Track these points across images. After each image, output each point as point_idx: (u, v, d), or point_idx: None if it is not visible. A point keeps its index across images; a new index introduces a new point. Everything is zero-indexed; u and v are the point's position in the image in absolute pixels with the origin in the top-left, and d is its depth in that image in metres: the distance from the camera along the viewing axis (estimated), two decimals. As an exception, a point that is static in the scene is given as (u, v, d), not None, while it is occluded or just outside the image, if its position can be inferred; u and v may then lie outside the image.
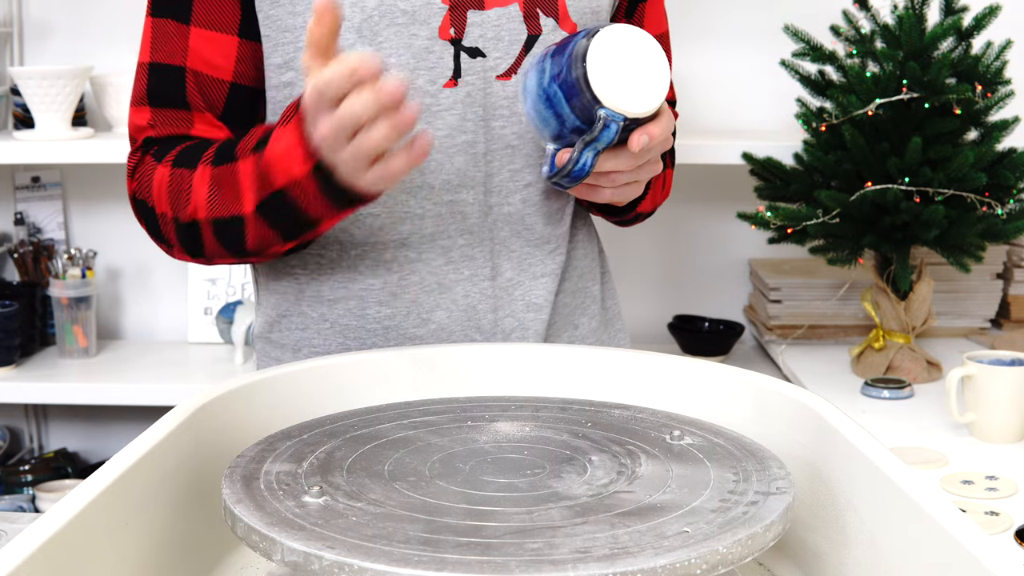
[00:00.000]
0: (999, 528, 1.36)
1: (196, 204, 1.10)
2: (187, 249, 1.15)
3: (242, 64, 1.15)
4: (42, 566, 0.67)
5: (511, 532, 0.71)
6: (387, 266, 1.17)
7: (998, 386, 1.63)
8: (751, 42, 2.33)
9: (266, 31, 1.13)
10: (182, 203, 1.11)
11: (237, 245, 1.10)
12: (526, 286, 1.21)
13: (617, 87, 1.00)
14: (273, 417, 0.96)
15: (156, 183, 1.13)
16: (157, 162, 1.14)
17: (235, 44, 1.14)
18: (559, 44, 1.05)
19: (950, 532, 0.69)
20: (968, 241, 1.88)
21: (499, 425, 0.93)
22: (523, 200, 1.19)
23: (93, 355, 2.35)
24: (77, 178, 2.47)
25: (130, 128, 1.20)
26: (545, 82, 1.04)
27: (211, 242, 1.11)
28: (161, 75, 1.16)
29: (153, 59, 1.16)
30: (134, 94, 1.19)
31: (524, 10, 1.14)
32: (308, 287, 1.20)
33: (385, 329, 1.18)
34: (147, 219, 1.17)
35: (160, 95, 1.16)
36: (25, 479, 2.35)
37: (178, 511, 0.86)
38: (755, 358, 2.33)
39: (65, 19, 2.40)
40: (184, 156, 1.13)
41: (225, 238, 1.10)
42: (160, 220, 1.14)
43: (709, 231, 2.43)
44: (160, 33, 1.16)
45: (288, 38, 1.12)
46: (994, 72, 1.89)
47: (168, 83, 1.16)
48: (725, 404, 0.99)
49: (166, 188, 1.12)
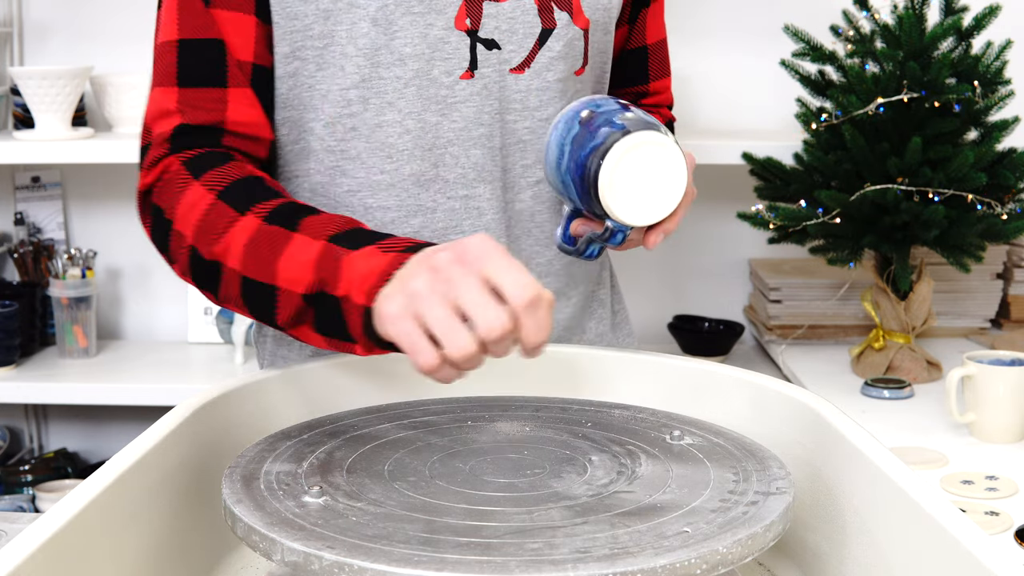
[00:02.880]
0: (999, 528, 1.36)
1: (229, 250, 1.01)
2: (197, 280, 1.05)
3: (259, 45, 1.10)
4: (42, 566, 0.67)
5: (511, 532, 0.72)
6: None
7: (998, 386, 1.63)
8: (751, 42, 2.33)
9: (276, 18, 1.10)
10: (211, 239, 1.02)
11: (265, 313, 1.00)
12: None
13: (627, 200, 0.99)
14: (273, 417, 0.96)
15: (187, 200, 1.04)
16: (193, 177, 1.05)
17: (253, 24, 1.10)
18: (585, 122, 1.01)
19: (950, 532, 0.69)
20: (968, 241, 1.88)
21: (499, 425, 0.93)
22: (534, 196, 1.19)
23: (93, 355, 2.35)
24: (77, 178, 2.47)
25: (150, 113, 1.10)
26: (563, 165, 1.02)
27: (233, 292, 1.02)
28: (194, 50, 1.09)
29: (182, 36, 1.09)
30: (158, 75, 1.11)
31: (539, 3, 1.13)
32: None
33: None
34: (157, 226, 1.08)
35: (192, 73, 1.09)
36: (25, 479, 2.35)
37: (178, 511, 0.86)
38: (755, 358, 2.33)
39: (65, 19, 2.40)
40: (236, 191, 1.03)
41: (254, 302, 1.01)
42: (173, 236, 1.06)
43: (709, 231, 2.43)
44: (187, 9, 1.09)
45: (296, 25, 1.10)
46: (994, 72, 1.89)
47: (202, 58, 1.09)
48: (725, 404, 0.99)
49: (199, 214, 1.03)
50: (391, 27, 1.10)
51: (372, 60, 1.10)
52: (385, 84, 1.11)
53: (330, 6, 1.09)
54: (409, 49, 1.10)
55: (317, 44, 1.10)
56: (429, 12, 1.10)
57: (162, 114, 1.10)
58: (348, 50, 1.10)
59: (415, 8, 1.10)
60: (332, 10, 1.09)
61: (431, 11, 1.11)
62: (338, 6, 1.09)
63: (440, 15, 1.11)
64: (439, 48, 1.11)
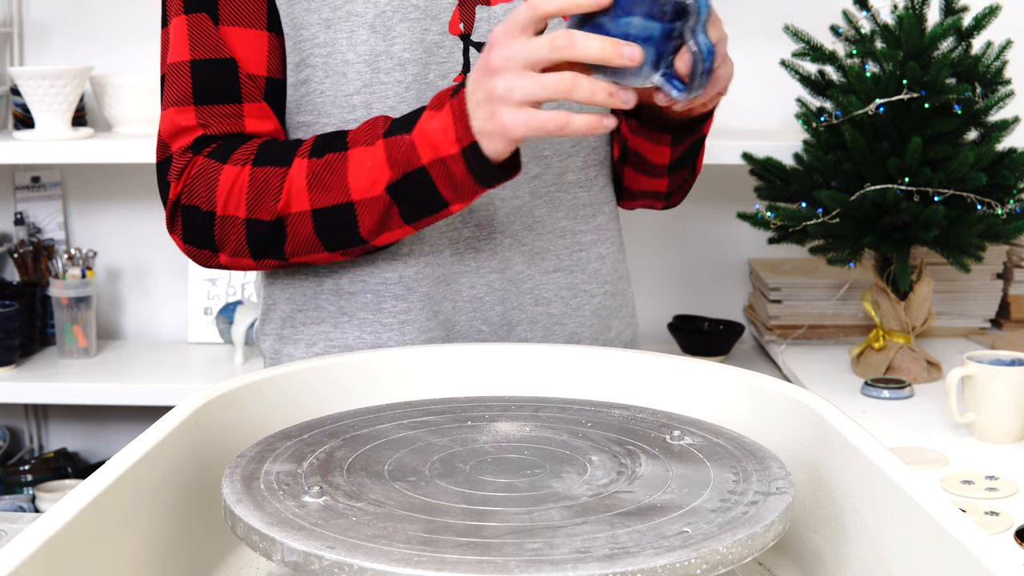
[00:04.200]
0: (999, 528, 1.36)
1: (291, 197, 1.08)
2: (255, 251, 1.12)
3: (273, 58, 1.14)
4: (42, 566, 0.67)
5: (511, 532, 0.71)
6: (403, 260, 1.17)
7: (998, 386, 1.63)
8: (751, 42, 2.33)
9: (286, 29, 1.13)
10: (268, 200, 1.09)
11: (345, 234, 1.09)
12: (536, 280, 1.21)
13: None
14: (273, 417, 0.96)
15: (225, 183, 1.10)
16: (221, 163, 1.11)
17: (265, 39, 1.13)
18: None
19: (950, 532, 0.69)
20: (968, 241, 1.88)
21: (499, 425, 0.93)
22: (531, 192, 1.19)
23: (93, 355, 2.35)
24: (77, 178, 2.47)
25: (167, 131, 1.14)
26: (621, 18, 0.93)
27: (304, 236, 1.10)
28: (207, 71, 1.12)
29: (194, 56, 1.13)
30: (172, 95, 1.14)
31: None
32: (328, 280, 1.20)
33: (402, 323, 1.18)
34: (193, 224, 1.13)
35: (208, 92, 1.13)
36: (25, 479, 2.35)
37: (178, 511, 0.86)
38: (755, 358, 2.33)
39: (65, 19, 2.40)
40: (268, 153, 1.10)
41: (330, 229, 1.09)
42: (219, 224, 1.11)
43: (709, 231, 2.43)
44: (197, 29, 1.13)
45: (304, 35, 1.12)
46: (994, 72, 1.89)
47: (217, 78, 1.12)
48: (725, 404, 0.99)
49: (243, 187, 1.09)
50: (389, 33, 1.11)
51: (372, 66, 1.12)
52: (386, 89, 1.13)
53: (330, 15, 1.11)
54: (407, 54, 1.12)
55: (322, 52, 1.12)
56: (425, 18, 1.12)
57: (181, 131, 1.13)
58: (349, 57, 1.12)
59: (411, 14, 1.12)
60: (332, 19, 1.11)
61: (426, 16, 1.12)
62: (337, 15, 1.11)
63: (435, 20, 1.12)
64: (434, 53, 1.13)
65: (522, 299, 1.21)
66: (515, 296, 1.20)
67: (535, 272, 1.21)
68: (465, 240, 1.18)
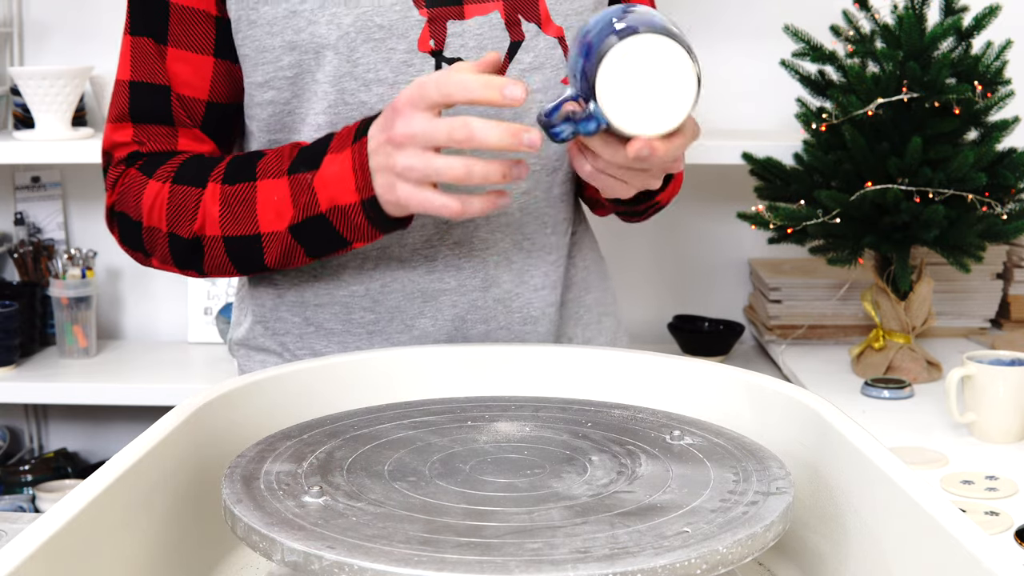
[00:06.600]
0: (999, 528, 1.36)
1: (205, 221, 1.12)
2: (179, 262, 1.16)
3: (217, 83, 1.16)
4: (42, 566, 0.67)
5: (511, 532, 0.72)
6: (369, 274, 1.17)
7: (998, 386, 1.63)
8: (751, 42, 2.33)
9: (245, 51, 1.13)
10: (185, 220, 1.13)
11: (252, 262, 1.13)
12: (524, 298, 1.19)
13: (620, 94, 0.92)
14: (273, 417, 0.96)
15: (148, 198, 1.14)
16: (147, 177, 1.15)
17: (211, 64, 1.15)
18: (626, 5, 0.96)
19: (950, 532, 0.69)
20: (968, 241, 1.88)
21: (499, 425, 0.93)
22: (521, 208, 1.18)
23: (93, 355, 2.35)
24: (77, 178, 2.47)
25: (108, 143, 1.20)
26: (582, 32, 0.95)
27: (218, 258, 1.13)
28: (143, 94, 1.17)
29: (133, 77, 1.17)
30: (113, 111, 1.19)
31: (505, 17, 1.13)
32: (288, 293, 1.20)
33: (370, 334, 1.18)
34: (125, 230, 1.18)
35: (143, 113, 1.17)
36: (25, 479, 2.35)
37: (178, 511, 0.86)
38: (755, 358, 2.33)
39: (65, 19, 2.40)
40: (186, 172, 1.14)
41: (240, 256, 1.13)
42: (146, 233, 1.16)
43: (709, 231, 2.43)
44: (139, 52, 1.17)
45: (267, 57, 1.12)
46: (994, 72, 1.89)
47: (150, 101, 1.17)
48: (725, 404, 0.99)
49: (163, 204, 1.13)
50: (353, 54, 1.10)
51: (338, 87, 1.11)
52: (351, 110, 1.12)
53: (294, 37, 1.11)
54: (372, 75, 1.11)
55: (288, 74, 1.13)
56: (390, 37, 1.10)
57: (117, 145, 1.19)
58: (318, 77, 1.12)
59: (375, 35, 1.10)
60: (296, 41, 1.11)
61: (391, 36, 1.10)
62: (301, 37, 1.11)
63: (402, 39, 1.11)
64: (403, 72, 1.11)
65: (510, 318, 1.19)
66: (503, 315, 1.18)
67: (524, 290, 1.19)
68: (444, 258, 1.16)
